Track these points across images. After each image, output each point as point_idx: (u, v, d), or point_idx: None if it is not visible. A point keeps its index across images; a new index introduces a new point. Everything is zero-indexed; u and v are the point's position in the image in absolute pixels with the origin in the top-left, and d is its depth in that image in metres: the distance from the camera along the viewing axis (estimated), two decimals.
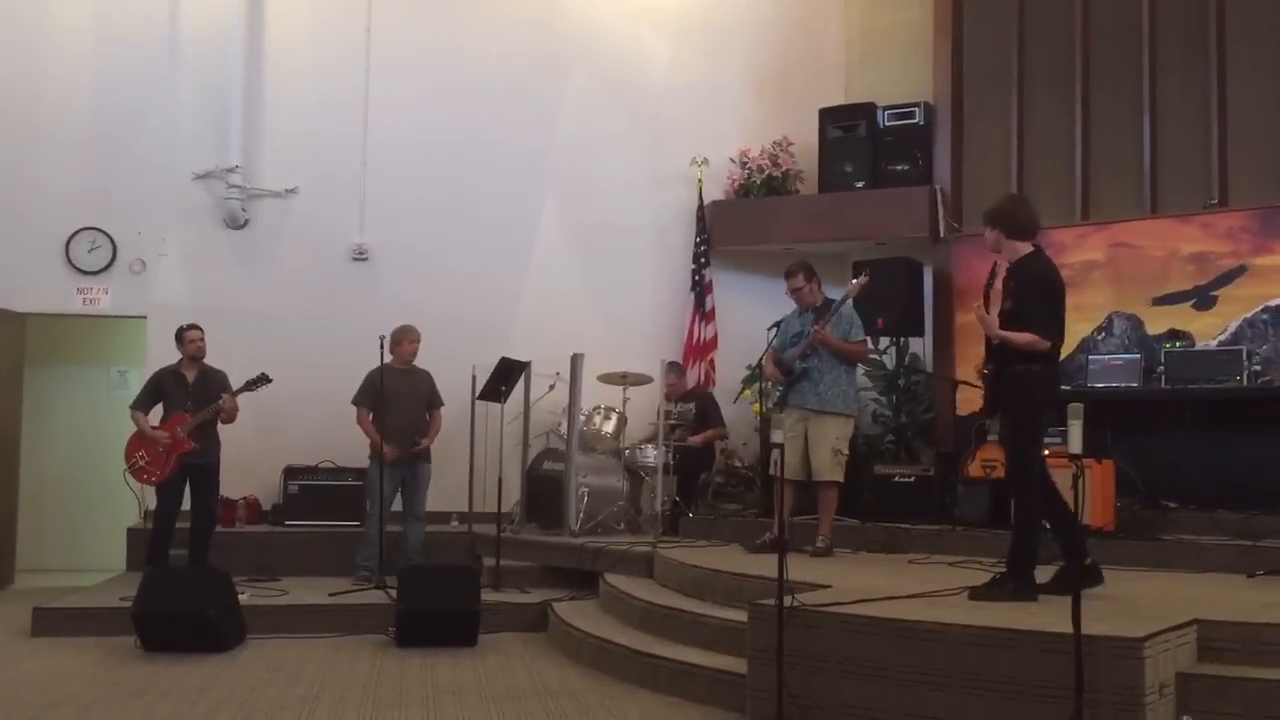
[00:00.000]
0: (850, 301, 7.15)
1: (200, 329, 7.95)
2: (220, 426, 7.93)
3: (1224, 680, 4.22)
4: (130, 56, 9.44)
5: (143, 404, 7.90)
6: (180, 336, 7.93)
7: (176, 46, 9.52)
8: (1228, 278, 7.74)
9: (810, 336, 7.00)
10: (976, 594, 5.11)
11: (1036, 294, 5.16)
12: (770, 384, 7.49)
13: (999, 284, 5.29)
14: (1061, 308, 5.25)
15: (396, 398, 8.25)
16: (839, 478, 7.06)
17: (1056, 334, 5.19)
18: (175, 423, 7.74)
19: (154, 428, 7.78)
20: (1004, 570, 5.23)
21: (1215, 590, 5.51)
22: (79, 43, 9.41)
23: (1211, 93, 8.19)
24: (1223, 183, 8.08)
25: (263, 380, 7.78)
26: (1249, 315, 7.63)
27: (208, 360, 8.00)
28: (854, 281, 7.18)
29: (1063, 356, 8.28)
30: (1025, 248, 5.28)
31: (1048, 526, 5.21)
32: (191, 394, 7.79)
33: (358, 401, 8.27)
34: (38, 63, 9.33)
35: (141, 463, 7.75)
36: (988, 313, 5.26)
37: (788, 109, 9.98)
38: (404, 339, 8.42)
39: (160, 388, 7.90)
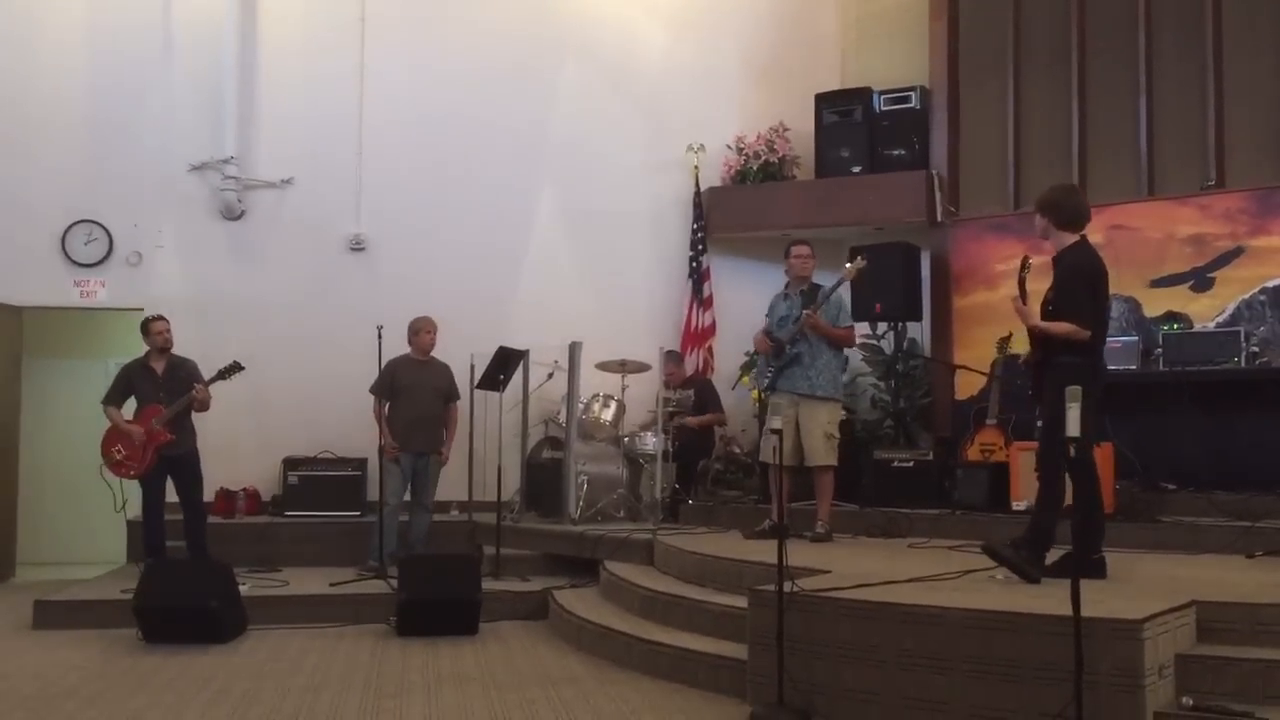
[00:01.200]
0: (843, 286, 7.14)
1: (166, 320, 7.90)
2: (198, 416, 7.88)
3: (1223, 661, 4.23)
4: (123, 47, 9.41)
5: (114, 399, 7.83)
6: (146, 328, 7.86)
7: (170, 37, 9.48)
8: (1225, 259, 7.75)
9: (802, 321, 6.99)
10: (989, 546, 5.22)
11: (1076, 283, 5.19)
12: (759, 358, 7.42)
13: (1028, 275, 5.31)
14: (1102, 297, 5.28)
15: (412, 389, 8.28)
16: (833, 461, 7.08)
17: (1097, 323, 5.20)
18: (149, 415, 7.70)
19: (129, 421, 7.75)
20: (1018, 539, 5.24)
21: (1214, 571, 5.52)
22: (72, 34, 9.37)
23: (1208, 74, 8.18)
24: (1220, 164, 8.07)
25: (235, 368, 7.72)
26: (1246, 296, 7.63)
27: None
28: (849, 265, 7.13)
29: None
30: (1071, 237, 5.31)
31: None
32: (163, 385, 7.75)
33: (372, 391, 8.29)
34: (31, 54, 9.29)
35: (119, 457, 7.73)
36: (1024, 304, 5.29)
37: (784, 94, 9.96)
38: (421, 329, 8.43)
39: (129, 381, 7.85)
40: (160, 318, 7.91)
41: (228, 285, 9.32)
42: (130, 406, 7.86)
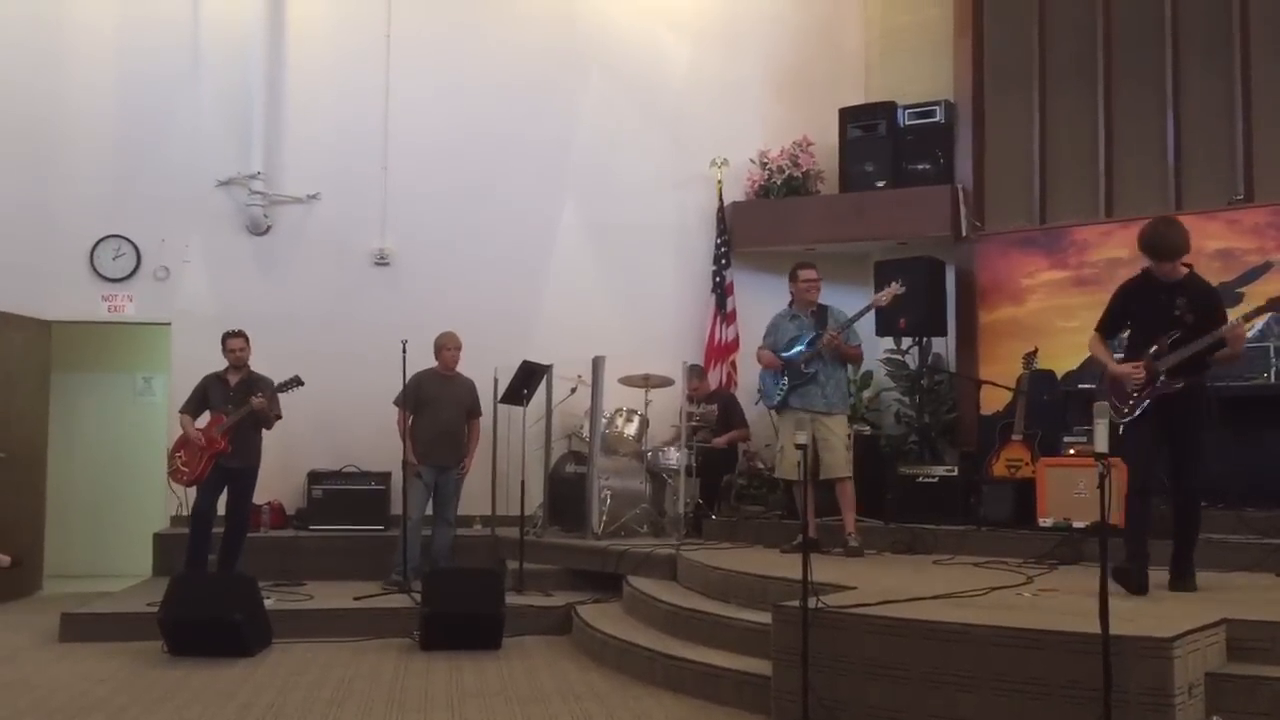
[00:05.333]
0: (838, 309, 7.39)
1: (243, 337, 7.98)
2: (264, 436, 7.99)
3: (1254, 680, 4.19)
4: (152, 64, 9.50)
5: (189, 407, 7.98)
6: (222, 343, 8.00)
7: (198, 54, 9.57)
8: (1254, 274, 7.67)
9: (823, 341, 7.17)
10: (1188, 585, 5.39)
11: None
12: (765, 376, 7.53)
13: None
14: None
15: (435, 404, 8.32)
16: (850, 472, 7.22)
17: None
18: (213, 424, 7.82)
19: (197, 429, 7.84)
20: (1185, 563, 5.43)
21: (1244, 589, 5.47)
22: (101, 51, 9.46)
23: (1236, 88, 8.13)
24: (1248, 178, 8.01)
25: (294, 382, 7.85)
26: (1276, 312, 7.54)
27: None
28: (888, 289, 7.37)
29: (1087, 355, 8.32)
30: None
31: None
32: (232, 398, 7.85)
33: (397, 403, 8.33)
34: (61, 71, 9.39)
35: (179, 463, 7.85)
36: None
37: (807, 109, 9.97)
38: (441, 346, 8.47)
39: (205, 391, 7.98)
40: (237, 334, 8.00)
41: (254, 300, 9.36)
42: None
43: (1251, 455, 7.20)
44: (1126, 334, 5.69)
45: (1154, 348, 5.39)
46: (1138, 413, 5.40)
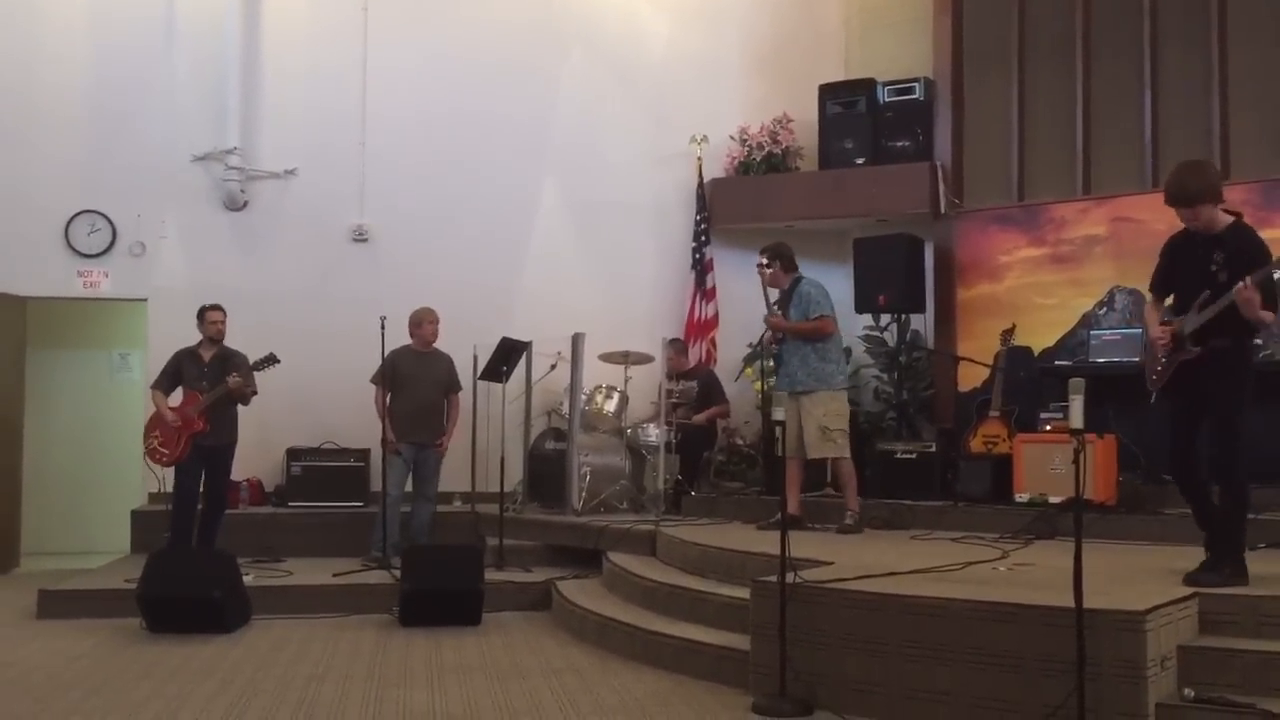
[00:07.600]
0: (808, 281, 7.25)
1: (222, 310, 7.93)
2: (239, 411, 7.94)
3: (1225, 653, 4.24)
4: (127, 38, 9.41)
5: (162, 384, 7.91)
6: (200, 316, 7.94)
7: (173, 27, 9.48)
8: None
9: (765, 321, 7.24)
10: (1193, 579, 4.66)
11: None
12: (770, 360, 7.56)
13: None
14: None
15: (411, 380, 8.31)
16: (831, 453, 7.15)
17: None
18: (189, 402, 7.76)
19: (171, 408, 7.79)
20: (1213, 555, 4.86)
21: None
22: (76, 24, 9.36)
23: (1213, 65, 8.15)
24: (1225, 156, 8.04)
25: (270, 360, 7.78)
26: None
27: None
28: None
29: (1064, 332, 8.39)
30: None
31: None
32: (207, 374, 7.79)
33: (373, 381, 8.31)
34: (34, 44, 9.29)
35: (156, 443, 7.78)
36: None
37: (787, 85, 9.94)
38: (422, 321, 8.46)
39: (178, 368, 7.91)
40: (216, 307, 7.94)
41: (231, 276, 9.30)
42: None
43: None
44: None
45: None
46: (1163, 384, 4.91)
